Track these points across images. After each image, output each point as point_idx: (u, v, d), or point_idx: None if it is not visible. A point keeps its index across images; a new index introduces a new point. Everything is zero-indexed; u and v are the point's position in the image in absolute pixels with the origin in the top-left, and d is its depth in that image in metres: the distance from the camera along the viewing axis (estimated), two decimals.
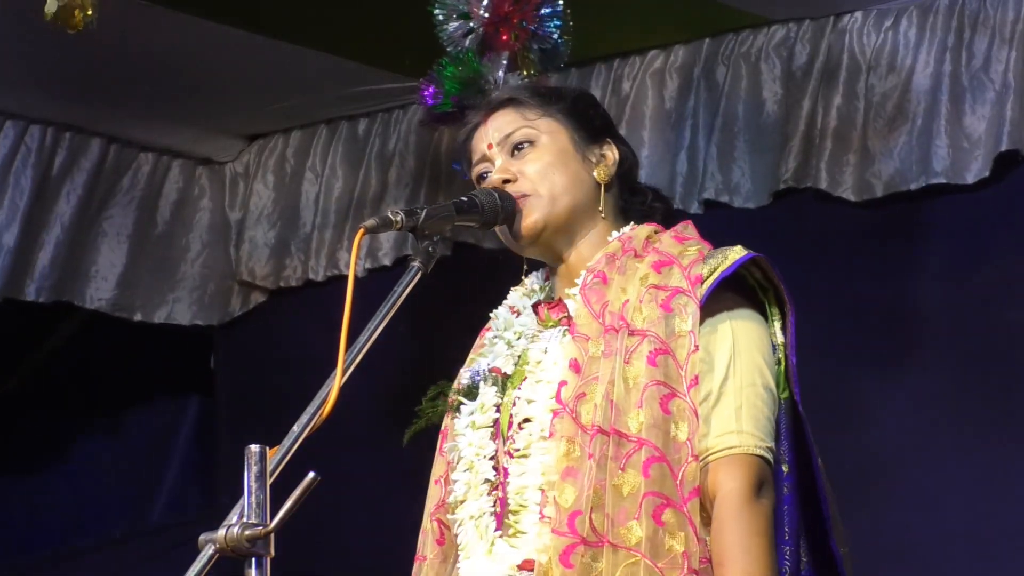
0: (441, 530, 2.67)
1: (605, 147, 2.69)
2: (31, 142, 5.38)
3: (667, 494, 2.43)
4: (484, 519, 2.57)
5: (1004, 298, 4.43)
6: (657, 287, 2.52)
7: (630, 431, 2.45)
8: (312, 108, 5.47)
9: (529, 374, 2.59)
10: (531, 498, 2.52)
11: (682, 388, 2.47)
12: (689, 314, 2.49)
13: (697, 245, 2.60)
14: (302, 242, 5.58)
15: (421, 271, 2.47)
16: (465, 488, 2.60)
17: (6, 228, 5.33)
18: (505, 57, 3.99)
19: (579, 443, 2.47)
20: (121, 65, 4.99)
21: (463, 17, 4.01)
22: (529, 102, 2.67)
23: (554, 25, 4.01)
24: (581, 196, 2.64)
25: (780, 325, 2.59)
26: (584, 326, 2.54)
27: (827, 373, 4.53)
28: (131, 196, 5.60)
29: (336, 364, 2.30)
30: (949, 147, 4.48)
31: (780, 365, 2.57)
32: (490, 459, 2.59)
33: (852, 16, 4.69)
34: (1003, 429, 4.37)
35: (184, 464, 6.01)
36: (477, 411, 2.63)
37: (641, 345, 2.49)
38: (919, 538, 4.41)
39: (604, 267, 2.58)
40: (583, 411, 2.48)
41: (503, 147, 2.66)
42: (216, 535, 2.06)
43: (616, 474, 2.44)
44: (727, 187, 4.80)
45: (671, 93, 4.92)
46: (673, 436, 2.45)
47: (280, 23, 4.83)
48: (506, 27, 3.98)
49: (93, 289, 5.53)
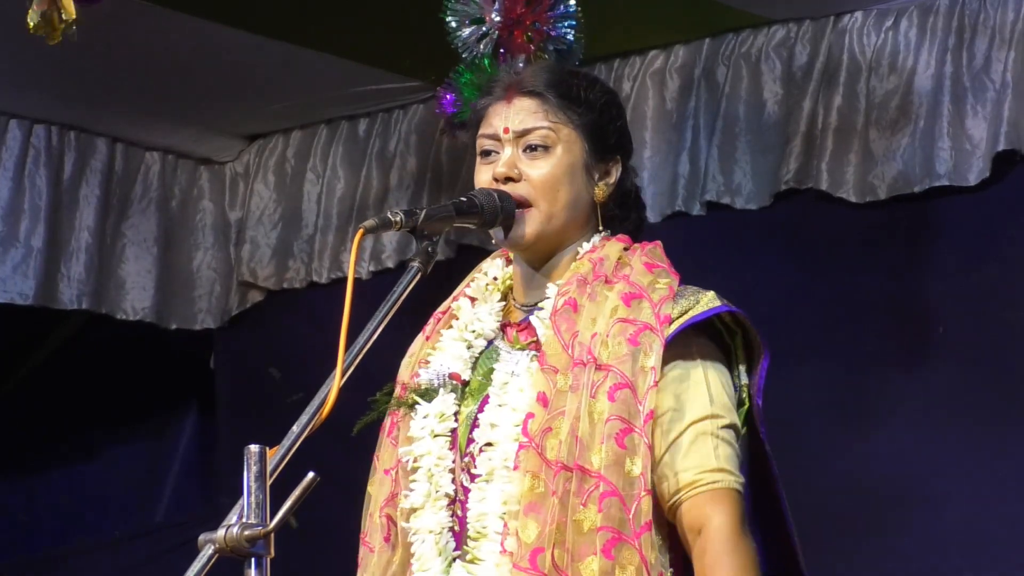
0: (389, 526, 2.65)
1: (611, 164, 2.68)
2: (38, 142, 5.38)
3: (618, 528, 2.45)
4: (444, 535, 2.57)
5: (1006, 298, 4.42)
6: (626, 320, 2.53)
7: (592, 467, 2.47)
8: (312, 108, 5.47)
9: (493, 395, 2.58)
10: (491, 526, 2.52)
11: (638, 422, 2.49)
12: (654, 352, 2.51)
13: (667, 278, 2.61)
14: (305, 244, 5.58)
15: (420, 271, 2.47)
16: (423, 498, 2.58)
17: (32, 231, 5.35)
18: (521, 60, 3.99)
19: (543, 478, 2.48)
20: (121, 65, 4.99)
21: (476, 22, 4.01)
22: (556, 103, 2.65)
23: (568, 25, 4.00)
24: (577, 214, 2.65)
25: (745, 368, 2.62)
26: (553, 356, 2.54)
27: (828, 374, 4.53)
28: (147, 200, 5.62)
29: (336, 365, 2.30)
30: (952, 149, 4.47)
31: (744, 406, 2.60)
32: (449, 471, 2.59)
33: (852, 16, 4.68)
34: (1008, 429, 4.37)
35: (184, 464, 6.00)
36: (434, 417, 2.61)
37: (605, 380, 2.50)
38: (926, 537, 4.40)
39: (575, 292, 2.58)
40: (548, 446, 2.49)
41: (518, 139, 2.65)
42: (216, 535, 2.06)
43: (577, 509, 2.46)
44: (729, 188, 4.80)
45: (672, 93, 4.92)
46: (628, 471, 2.47)
47: (280, 23, 4.83)
48: (520, 30, 3.98)
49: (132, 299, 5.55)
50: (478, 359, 2.65)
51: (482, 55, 4.01)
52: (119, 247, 5.55)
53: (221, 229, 5.75)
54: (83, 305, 5.45)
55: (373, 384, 2.82)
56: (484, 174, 2.66)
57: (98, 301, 5.48)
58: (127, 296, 5.56)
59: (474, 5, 4.03)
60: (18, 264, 5.34)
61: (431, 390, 2.64)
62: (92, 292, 5.46)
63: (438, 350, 2.68)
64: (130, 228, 5.58)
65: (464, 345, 2.66)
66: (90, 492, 6.03)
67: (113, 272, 5.53)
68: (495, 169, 2.64)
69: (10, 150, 5.34)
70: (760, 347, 2.61)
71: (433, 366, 2.66)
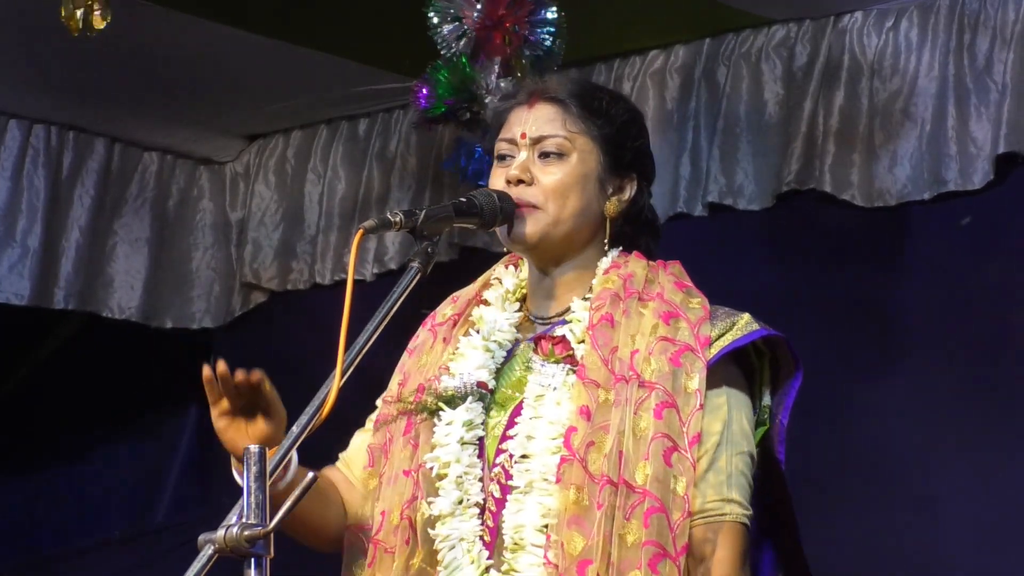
0: (410, 529, 2.61)
1: (626, 181, 2.68)
2: (37, 142, 5.39)
3: (663, 544, 2.48)
4: (476, 544, 2.56)
5: (1008, 299, 4.42)
6: (667, 339, 2.56)
7: (636, 482, 2.49)
8: (312, 108, 5.47)
9: (528, 407, 2.59)
10: (529, 538, 2.52)
11: (683, 443, 2.52)
12: (696, 372, 2.54)
13: (698, 297, 2.63)
14: (308, 245, 5.58)
15: (420, 272, 2.47)
16: (452, 506, 2.58)
17: (29, 231, 5.35)
18: (497, 62, 4.00)
19: (587, 492, 2.49)
20: (121, 65, 4.99)
21: (456, 20, 4.02)
22: (576, 113, 2.65)
23: (547, 32, 4.01)
24: (584, 224, 2.65)
25: (770, 388, 2.65)
26: (593, 371, 2.55)
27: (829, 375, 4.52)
28: (142, 199, 5.61)
29: (336, 365, 2.30)
30: (958, 153, 4.47)
31: (765, 426, 2.63)
32: (478, 479, 2.59)
33: (852, 16, 4.68)
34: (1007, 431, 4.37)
35: (184, 464, 6.00)
36: (461, 425, 2.61)
37: (649, 398, 2.52)
38: (918, 538, 4.40)
39: (609, 308, 2.59)
40: (592, 459, 2.50)
41: (534, 144, 2.65)
42: (215, 535, 2.06)
43: (622, 524, 2.48)
44: (730, 189, 4.80)
45: (672, 93, 4.92)
46: (673, 489, 2.50)
47: (280, 23, 4.83)
48: (499, 32, 3.99)
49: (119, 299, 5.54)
50: (500, 368, 2.65)
51: (460, 53, 4.02)
52: (109, 246, 5.54)
53: (221, 229, 5.75)
54: (71, 305, 5.44)
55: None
56: (498, 178, 2.66)
57: (85, 300, 5.48)
58: (114, 294, 5.55)
59: (456, 3, 4.04)
60: (14, 264, 5.35)
61: (457, 397, 2.64)
62: (80, 292, 5.45)
63: (460, 357, 2.68)
64: (122, 227, 5.58)
65: (488, 355, 2.66)
66: (90, 492, 6.04)
67: (102, 271, 5.53)
68: (508, 172, 2.64)
69: (9, 150, 5.34)
70: (792, 367, 2.64)
71: (458, 374, 2.66)
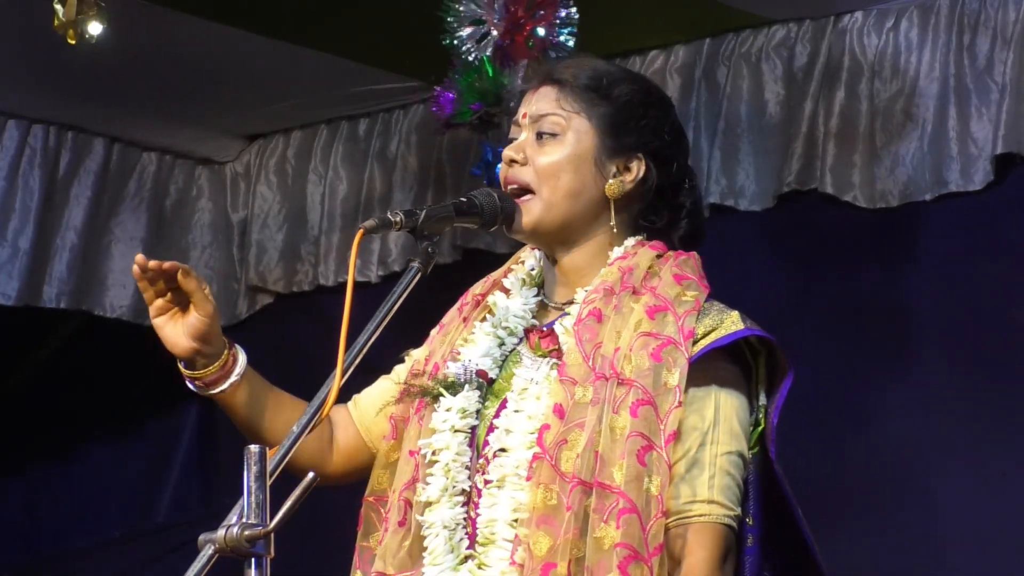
0: (406, 509, 2.61)
1: (633, 161, 2.65)
2: (35, 142, 5.38)
3: (635, 546, 2.44)
4: (458, 532, 2.56)
5: (1008, 299, 4.42)
6: (649, 334, 2.51)
7: (614, 483, 2.45)
8: (312, 108, 5.47)
9: (511, 400, 2.57)
10: (499, 533, 2.51)
11: (659, 441, 2.47)
12: (677, 368, 2.50)
13: (695, 290, 2.58)
14: (311, 246, 5.57)
15: (420, 272, 2.47)
16: (439, 492, 2.57)
17: (20, 232, 5.34)
18: (522, 66, 3.99)
19: (556, 491, 2.46)
20: (121, 65, 4.98)
21: (477, 23, 4.01)
22: (575, 93, 2.63)
23: (568, 32, 4.01)
24: (580, 206, 2.62)
25: (765, 388, 2.61)
26: (573, 367, 2.52)
27: (831, 376, 4.52)
28: (139, 199, 5.61)
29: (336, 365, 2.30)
30: (959, 154, 4.47)
31: (760, 426, 2.59)
32: (466, 467, 2.58)
33: (852, 16, 4.68)
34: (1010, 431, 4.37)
35: (185, 464, 6.00)
36: (456, 412, 2.60)
37: (628, 395, 2.49)
38: (922, 538, 4.40)
39: (600, 303, 2.56)
40: (563, 458, 2.47)
41: (533, 124, 2.64)
42: (216, 535, 2.06)
43: (598, 526, 2.44)
44: (732, 190, 4.80)
45: (672, 94, 4.91)
46: (646, 489, 2.46)
47: (280, 23, 4.83)
48: (520, 35, 3.98)
49: (111, 297, 5.54)
50: (507, 358, 2.64)
51: (481, 58, 4.01)
52: (104, 245, 5.54)
53: (221, 229, 5.74)
54: (62, 304, 5.44)
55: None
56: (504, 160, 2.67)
57: (78, 299, 5.47)
58: (107, 293, 5.55)
59: (475, 6, 4.03)
60: (3, 264, 5.34)
61: (457, 384, 2.63)
62: (72, 291, 5.44)
63: (470, 343, 2.67)
64: (118, 226, 5.57)
65: (497, 342, 2.65)
66: (90, 492, 6.03)
67: (96, 270, 5.52)
68: (505, 152, 2.64)
69: (7, 150, 5.34)
70: (785, 368, 2.60)
71: (462, 360, 2.65)
